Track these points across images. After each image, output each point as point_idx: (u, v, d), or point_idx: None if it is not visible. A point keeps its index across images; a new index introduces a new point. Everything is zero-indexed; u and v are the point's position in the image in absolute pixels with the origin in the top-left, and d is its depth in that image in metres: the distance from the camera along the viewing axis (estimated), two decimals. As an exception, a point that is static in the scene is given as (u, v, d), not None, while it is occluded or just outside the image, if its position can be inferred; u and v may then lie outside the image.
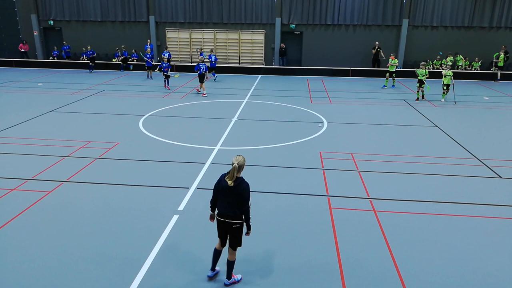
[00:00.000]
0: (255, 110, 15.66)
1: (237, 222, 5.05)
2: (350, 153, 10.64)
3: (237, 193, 4.95)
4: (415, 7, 25.58)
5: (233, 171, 4.94)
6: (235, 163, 4.95)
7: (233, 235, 5.13)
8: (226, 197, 5.01)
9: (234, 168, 4.93)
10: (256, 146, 11.17)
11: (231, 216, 5.02)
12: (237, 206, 4.99)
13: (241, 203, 4.98)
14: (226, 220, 5.05)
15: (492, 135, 12.75)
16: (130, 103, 16.51)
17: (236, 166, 4.93)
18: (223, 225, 5.11)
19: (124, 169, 9.41)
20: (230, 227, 5.07)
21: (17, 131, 12.30)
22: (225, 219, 5.06)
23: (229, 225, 5.06)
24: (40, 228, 6.75)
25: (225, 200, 5.02)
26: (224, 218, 5.06)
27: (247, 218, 5.09)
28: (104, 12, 27.48)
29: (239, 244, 5.19)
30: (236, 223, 5.04)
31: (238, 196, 4.95)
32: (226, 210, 5.03)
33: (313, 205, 7.70)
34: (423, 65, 17.82)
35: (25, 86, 20.09)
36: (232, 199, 4.97)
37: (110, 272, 5.63)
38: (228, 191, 4.97)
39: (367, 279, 5.57)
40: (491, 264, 5.96)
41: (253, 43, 27.27)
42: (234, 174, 4.94)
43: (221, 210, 5.10)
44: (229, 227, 5.08)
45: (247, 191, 4.97)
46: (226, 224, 5.08)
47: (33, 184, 8.42)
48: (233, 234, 5.11)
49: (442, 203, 7.83)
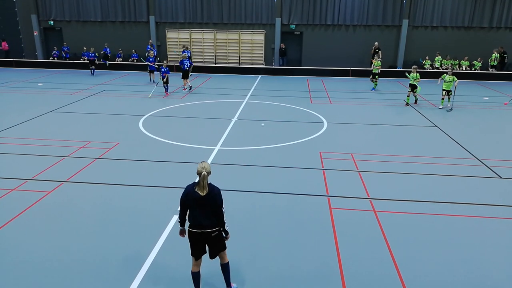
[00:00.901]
0: (255, 110, 15.66)
1: (215, 230, 4.84)
2: (350, 153, 10.64)
3: (211, 201, 4.73)
4: (415, 7, 25.59)
5: (202, 181, 4.68)
6: (203, 172, 4.66)
7: (214, 243, 4.92)
8: (198, 208, 4.76)
9: (204, 177, 4.67)
10: (256, 146, 11.17)
11: (208, 226, 4.79)
12: (212, 214, 4.79)
13: (216, 210, 4.78)
14: (204, 231, 4.80)
15: (492, 135, 12.75)
16: (130, 103, 16.51)
17: (205, 174, 4.66)
18: (199, 236, 4.84)
19: (124, 169, 9.41)
20: (209, 237, 4.84)
21: (17, 131, 12.30)
22: (202, 230, 4.79)
23: (207, 235, 4.83)
24: (40, 228, 6.75)
25: (198, 211, 4.76)
26: (201, 229, 4.79)
27: (222, 223, 4.89)
28: (104, 12, 27.50)
29: (224, 247, 5.02)
30: (214, 231, 4.84)
31: (212, 204, 4.75)
32: (202, 221, 4.77)
33: (313, 205, 7.69)
34: (415, 68, 16.92)
35: (25, 86, 20.10)
36: (206, 209, 4.76)
37: (110, 272, 5.63)
38: (200, 201, 4.72)
39: (367, 279, 5.57)
40: (491, 264, 5.96)
41: (253, 43, 27.27)
42: (205, 183, 4.70)
43: (195, 221, 4.81)
44: (207, 237, 4.85)
45: (219, 196, 4.79)
46: (203, 234, 4.82)
47: (33, 184, 8.43)
48: (214, 242, 4.91)
49: (442, 203, 7.83)
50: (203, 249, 4.99)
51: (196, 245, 4.93)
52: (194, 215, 4.81)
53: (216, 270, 5.33)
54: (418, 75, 16.65)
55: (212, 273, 5.53)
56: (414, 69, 16.81)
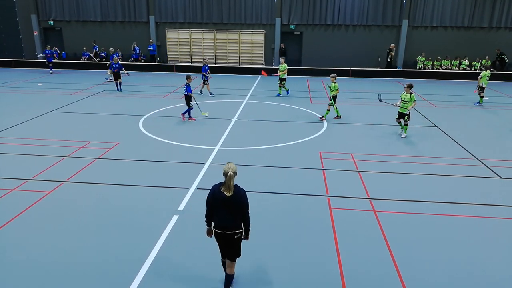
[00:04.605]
0: (255, 110, 15.67)
1: (238, 232, 4.85)
2: (350, 153, 10.64)
3: (237, 202, 4.71)
4: (415, 8, 25.61)
5: (229, 181, 4.64)
6: (229, 172, 4.62)
7: (234, 246, 4.91)
8: (224, 209, 4.73)
9: (230, 177, 4.63)
10: (256, 146, 11.17)
11: (231, 227, 4.79)
12: (237, 215, 4.77)
13: (242, 211, 4.78)
14: (227, 232, 4.80)
15: (492, 135, 12.75)
16: (130, 103, 16.51)
17: (231, 174, 4.62)
18: (223, 237, 4.86)
19: (124, 169, 9.41)
20: (231, 238, 4.85)
21: (17, 131, 12.30)
22: (225, 231, 4.80)
23: (230, 237, 4.83)
24: (40, 228, 6.75)
25: (224, 212, 4.75)
26: (224, 230, 4.80)
27: (247, 224, 4.90)
28: (104, 12, 27.50)
29: (239, 254, 5.01)
30: (237, 233, 4.84)
31: (238, 205, 4.73)
32: (226, 222, 4.77)
33: (313, 205, 7.70)
34: (333, 76, 14.18)
35: (25, 86, 20.09)
36: (232, 210, 4.73)
37: (110, 272, 5.63)
38: (226, 202, 4.69)
39: (367, 279, 5.57)
40: (491, 264, 5.96)
41: (253, 43, 27.28)
42: (231, 183, 4.66)
43: (220, 222, 4.81)
44: (230, 239, 4.85)
45: (245, 197, 4.77)
46: (226, 236, 4.83)
47: (33, 184, 8.42)
48: (234, 245, 4.90)
49: (442, 203, 7.83)
50: (222, 249, 5.05)
51: (220, 245, 5.00)
52: (219, 216, 4.81)
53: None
54: (336, 85, 13.95)
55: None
56: (332, 78, 14.23)
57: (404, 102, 11.97)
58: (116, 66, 18.68)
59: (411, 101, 11.85)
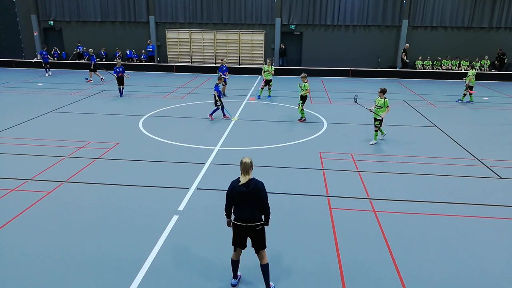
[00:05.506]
0: (255, 110, 15.67)
1: (259, 224, 4.99)
2: (350, 153, 10.64)
3: (255, 195, 4.88)
4: (415, 8, 25.61)
5: (244, 168, 4.85)
6: (244, 159, 4.87)
7: (258, 237, 5.05)
8: (244, 202, 4.91)
9: (246, 164, 4.84)
10: (256, 146, 11.17)
11: (253, 219, 4.94)
12: (257, 208, 4.94)
13: (262, 203, 4.94)
14: (248, 224, 4.95)
15: (492, 135, 12.74)
16: (129, 104, 16.52)
17: (246, 161, 4.84)
18: (244, 229, 5.00)
19: (124, 169, 9.41)
20: (253, 230, 4.99)
21: (17, 131, 12.30)
22: (246, 223, 4.95)
23: (252, 229, 4.98)
24: (40, 228, 6.75)
25: (244, 205, 4.92)
26: (246, 223, 4.95)
27: (268, 214, 5.06)
28: (104, 12, 27.50)
29: (264, 245, 5.13)
30: (258, 225, 4.98)
31: (257, 197, 4.90)
32: (247, 215, 4.93)
33: (313, 205, 7.70)
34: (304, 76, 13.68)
35: (25, 86, 20.10)
36: (251, 202, 4.90)
37: (110, 273, 5.63)
38: (245, 195, 4.87)
39: (367, 279, 5.57)
40: (491, 264, 5.96)
41: (253, 43, 27.28)
42: (248, 170, 4.85)
43: (240, 215, 4.97)
44: (252, 231, 5.00)
45: (264, 189, 4.95)
46: (248, 228, 4.98)
47: (33, 185, 8.42)
48: (258, 236, 5.04)
49: (442, 204, 7.83)
50: (243, 242, 5.13)
51: (238, 237, 5.10)
52: (240, 209, 4.97)
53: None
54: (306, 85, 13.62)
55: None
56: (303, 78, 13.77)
57: (377, 108, 11.22)
58: (119, 70, 17.46)
59: (384, 107, 11.14)
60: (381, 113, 11.19)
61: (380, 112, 11.21)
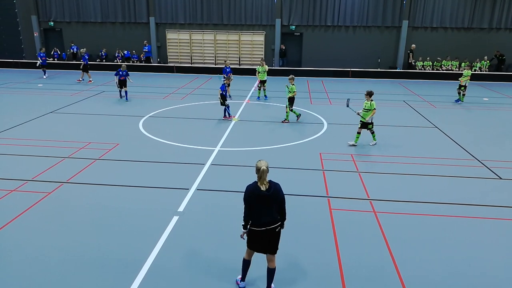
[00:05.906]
0: (255, 111, 15.67)
1: (278, 226, 5.00)
2: (350, 154, 10.65)
3: (276, 198, 4.89)
4: (415, 8, 25.63)
5: (262, 175, 4.80)
6: (262, 167, 4.79)
7: (275, 240, 5.04)
8: (265, 205, 4.87)
9: (263, 171, 4.79)
10: (256, 147, 11.17)
11: (271, 222, 4.92)
12: (276, 210, 4.95)
13: (281, 205, 4.98)
14: (268, 228, 4.91)
15: (492, 136, 12.74)
16: (130, 104, 16.52)
17: (264, 169, 4.78)
18: (264, 234, 4.95)
19: (124, 170, 9.41)
20: (273, 233, 4.97)
21: (17, 132, 12.30)
22: (267, 227, 4.91)
23: (272, 231, 4.95)
24: (40, 229, 6.75)
25: (265, 209, 4.88)
26: (266, 226, 4.91)
27: (285, 215, 5.08)
28: (104, 13, 27.52)
29: (277, 247, 5.13)
30: (277, 226, 4.98)
31: (277, 200, 4.91)
32: (268, 218, 4.90)
33: (313, 206, 7.69)
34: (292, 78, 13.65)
35: (25, 87, 20.11)
36: (272, 205, 4.89)
37: (110, 273, 5.62)
38: (266, 199, 4.84)
39: (367, 280, 5.57)
40: (491, 264, 5.96)
41: (253, 44, 27.29)
42: (264, 177, 4.83)
43: (261, 219, 4.90)
44: (272, 233, 4.97)
45: (282, 191, 4.97)
46: (269, 231, 4.94)
47: (33, 185, 8.43)
48: (276, 238, 5.03)
49: (442, 204, 7.82)
50: (263, 247, 5.06)
51: (257, 242, 5.02)
52: (260, 213, 4.89)
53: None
54: (294, 87, 13.46)
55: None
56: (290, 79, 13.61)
57: (365, 111, 11.09)
58: (123, 73, 17.06)
59: (371, 109, 11.02)
60: (367, 116, 11.09)
61: (366, 115, 11.11)
